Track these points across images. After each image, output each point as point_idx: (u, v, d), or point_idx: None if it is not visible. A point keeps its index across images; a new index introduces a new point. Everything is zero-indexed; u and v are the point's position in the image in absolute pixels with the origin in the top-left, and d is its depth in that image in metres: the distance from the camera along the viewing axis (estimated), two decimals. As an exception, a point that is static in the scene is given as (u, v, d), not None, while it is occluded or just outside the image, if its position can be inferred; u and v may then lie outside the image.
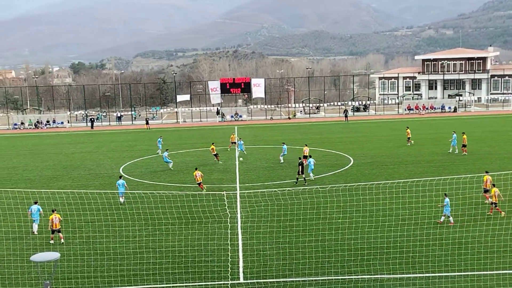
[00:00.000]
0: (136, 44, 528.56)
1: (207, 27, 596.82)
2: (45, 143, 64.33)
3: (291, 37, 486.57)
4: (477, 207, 27.08)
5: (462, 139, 45.09)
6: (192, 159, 47.87)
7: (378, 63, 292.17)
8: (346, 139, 57.86)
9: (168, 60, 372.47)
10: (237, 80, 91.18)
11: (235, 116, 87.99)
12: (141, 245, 24.03)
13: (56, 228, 25.11)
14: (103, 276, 20.68)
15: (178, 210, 27.79)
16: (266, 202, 28.48)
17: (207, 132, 69.48)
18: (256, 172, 40.38)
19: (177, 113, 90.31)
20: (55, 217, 25.19)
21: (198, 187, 34.22)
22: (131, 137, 66.82)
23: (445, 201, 25.38)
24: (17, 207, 29.66)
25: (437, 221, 25.70)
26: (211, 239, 24.41)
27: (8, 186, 36.55)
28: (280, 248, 22.89)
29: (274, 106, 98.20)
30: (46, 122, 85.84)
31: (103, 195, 31.15)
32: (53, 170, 44.48)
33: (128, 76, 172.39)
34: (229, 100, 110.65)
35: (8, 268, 21.73)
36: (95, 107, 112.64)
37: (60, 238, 25.21)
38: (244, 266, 21.16)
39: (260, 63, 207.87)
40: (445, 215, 25.46)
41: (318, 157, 46.41)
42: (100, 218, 27.76)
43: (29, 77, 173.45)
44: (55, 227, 25.09)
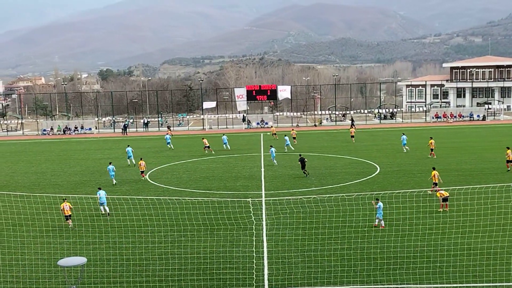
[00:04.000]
0: (163, 51, 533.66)
1: (234, 34, 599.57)
2: (73, 148, 65.22)
3: (318, 45, 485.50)
4: (506, 217, 26.55)
5: (429, 143, 48.39)
6: (217, 165, 48.00)
7: (406, 71, 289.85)
8: (372, 147, 57.38)
9: (195, 67, 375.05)
10: (263, 87, 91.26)
11: (261, 123, 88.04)
12: (166, 251, 24.13)
13: (67, 214, 27.95)
14: (128, 282, 20.81)
15: (204, 217, 27.86)
16: (291, 209, 28.36)
17: (232, 139, 69.59)
18: (281, 180, 40.28)
19: (203, 119, 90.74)
20: (65, 205, 28.14)
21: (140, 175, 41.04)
22: (158, 143, 67.30)
23: (378, 205, 26.58)
24: (45, 211, 30.09)
25: (373, 224, 26.72)
26: (236, 246, 24.38)
27: (36, 191, 37.13)
28: (305, 256, 22.75)
29: (300, 113, 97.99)
30: (74, 128, 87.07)
31: (129, 201, 31.40)
32: (80, 175, 45.05)
33: (155, 83, 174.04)
34: (255, 107, 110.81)
35: (36, 272, 22.02)
36: (123, 113, 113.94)
37: (69, 223, 28.10)
38: (269, 273, 21.07)
39: (287, 70, 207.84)
40: (377, 218, 26.53)
41: (344, 165, 46.19)
42: (126, 224, 27.99)
43: (58, 84, 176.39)
44: (67, 213, 27.99)
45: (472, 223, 24.72)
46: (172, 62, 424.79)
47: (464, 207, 26.61)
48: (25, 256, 23.96)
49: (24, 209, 30.59)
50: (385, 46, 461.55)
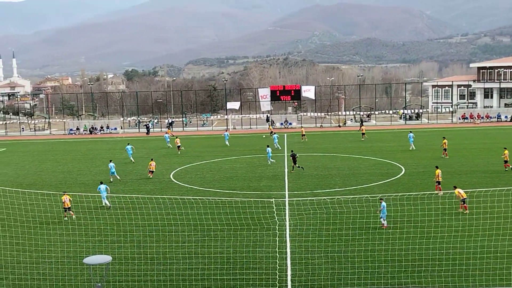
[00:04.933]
0: (188, 51, 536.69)
1: (258, 34, 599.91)
2: (99, 148, 65.98)
3: (342, 45, 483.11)
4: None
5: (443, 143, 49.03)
6: (241, 165, 48.09)
7: (432, 71, 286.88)
8: (397, 147, 56.87)
9: (219, 68, 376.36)
10: (287, 87, 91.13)
11: (285, 124, 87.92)
12: (190, 251, 24.26)
13: (67, 207, 29.57)
14: (152, 280, 20.98)
15: (227, 217, 27.94)
16: (315, 210, 28.27)
17: (256, 139, 69.68)
18: (305, 180, 40.18)
19: (227, 120, 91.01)
20: (66, 198, 29.63)
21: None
22: (182, 143, 67.68)
23: (382, 205, 26.56)
24: (71, 210, 30.52)
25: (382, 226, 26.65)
26: (259, 246, 24.40)
27: (63, 189, 37.62)
28: (328, 257, 22.66)
29: (324, 114, 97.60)
30: (100, 127, 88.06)
31: (153, 200, 31.65)
32: (106, 174, 45.49)
33: (179, 83, 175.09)
34: (279, 107, 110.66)
35: (62, 269, 22.33)
36: (148, 113, 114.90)
37: (71, 214, 29.83)
38: (292, 274, 21.03)
39: (311, 70, 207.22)
40: (382, 219, 26.65)
41: (368, 166, 45.88)
42: (151, 223, 28.24)
43: (84, 84, 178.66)
44: (66, 206, 29.58)
45: (499, 225, 24.34)
46: (196, 63, 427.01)
47: (490, 209, 26.21)
48: (52, 253, 24.33)
49: (51, 207, 31.07)
50: (410, 46, 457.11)
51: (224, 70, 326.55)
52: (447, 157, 48.26)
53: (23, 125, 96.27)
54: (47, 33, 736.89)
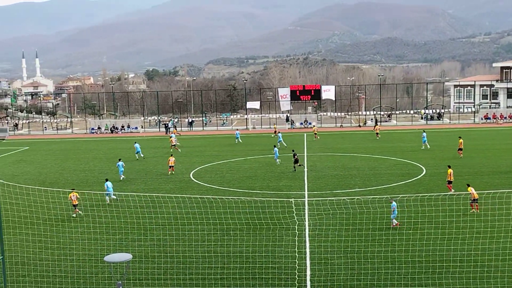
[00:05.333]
0: (208, 51, 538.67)
1: (278, 34, 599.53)
2: (120, 147, 66.51)
3: (363, 44, 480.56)
4: (559, 222, 25.64)
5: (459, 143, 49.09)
6: (260, 165, 48.10)
7: (454, 71, 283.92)
8: (418, 148, 56.38)
9: (239, 67, 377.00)
10: (307, 87, 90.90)
11: (305, 123, 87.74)
12: (209, 250, 24.36)
13: (75, 203, 30.58)
14: (172, 279, 21.11)
15: (247, 216, 27.98)
16: (334, 210, 28.17)
17: (276, 139, 69.62)
18: (324, 180, 40.06)
19: (247, 119, 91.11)
20: (73, 195, 30.62)
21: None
22: (202, 142, 68.00)
23: (392, 205, 26.66)
24: (93, 208, 30.87)
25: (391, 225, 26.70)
26: (278, 246, 24.40)
27: (84, 188, 38.05)
28: (348, 258, 22.57)
29: (344, 114, 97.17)
30: (121, 127, 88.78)
31: (173, 199, 31.83)
32: (126, 173, 45.87)
33: (199, 83, 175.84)
34: (298, 107, 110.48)
35: (83, 267, 22.59)
36: (168, 112, 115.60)
37: (76, 211, 30.78)
38: (311, 274, 21.00)
39: (331, 70, 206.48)
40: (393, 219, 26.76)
41: (389, 166, 45.56)
42: (171, 222, 28.41)
43: (106, 83, 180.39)
44: (74, 203, 30.57)
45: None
46: (216, 62, 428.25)
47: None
48: (73, 251, 24.61)
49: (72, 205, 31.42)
50: (432, 45, 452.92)
51: (244, 70, 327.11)
52: (461, 156, 48.20)
53: (46, 124, 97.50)
54: (69, 33, 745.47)
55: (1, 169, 48.60)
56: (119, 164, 43.07)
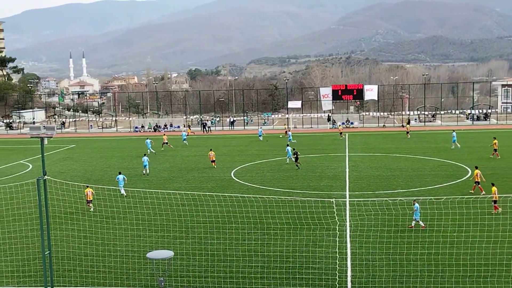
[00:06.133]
0: (250, 51, 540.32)
1: (320, 33, 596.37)
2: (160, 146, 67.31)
3: (407, 43, 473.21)
4: None
5: (493, 143, 48.74)
6: (301, 165, 47.90)
7: (501, 70, 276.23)
8: (463, 149, 55.15)
9: (280, 67, 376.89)
10: (350, 86, 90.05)
11: (347, 123, 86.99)
12: (250, 248, 24.44)
13: (89, 199, 32.01)
14: (213, 276, 21.28)
15: (287, 216, 27.94)
16: (376, 211, 27.83)
17: (317, 139, 69.33)
18: (366, 180, 39.63)
19: (288, 119, 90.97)
20: (89, 191, 32.19)
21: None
22: (243, 141, 68.24)
23: (415, 206, 26.61)
24: (136, 206, 31.39)
25: (408, 226, 26.73)
26: (319, 246, 24.28)
27: (128, 186, 38.70)
28: (390, 260, 22.26)
29: (387, 114, 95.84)
30: (164, 125, 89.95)
31: (214, 198, 32.07)
32: (169, 171, 46.52)
33: (241, 82, 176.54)
34: (340, 106, 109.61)
35: (126, 263, 23.01)
36: (210, 112, 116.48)
37: (90, 207, 32.01)
38: (352, 275, 20.83)
39: (374, 69, 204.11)
40: (414, 220, 26.62)
41: (433, 167, 44.72)
42: (212, 220, 28.64)
43: (149, 83, 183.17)
44: (89, 199, 32.06)
45: None
46: (258, 62, 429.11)
47: None
48: (117, 247, 25.10)
49: (116, 202, 32.07)
50: (479, 44, 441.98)
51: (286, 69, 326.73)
52: (498, 157, 47.49)
53: (91, 122, 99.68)
54: (114, 34, 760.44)
55: (49, 166, 49.90)
56: (144, 159, 45.10)
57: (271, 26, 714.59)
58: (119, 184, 36.28)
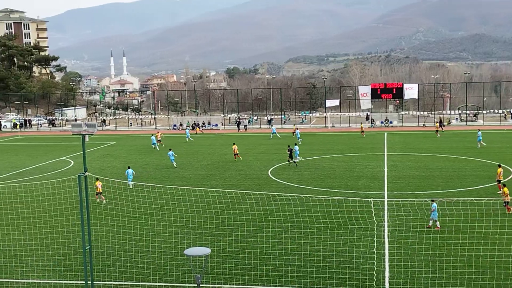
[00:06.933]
0: (288, 49, 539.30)
1: (359, 31, 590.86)
2: (200, 143, 67.91)
3: (449, 41, 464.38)
4: None
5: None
6: (339, 164, 47.63)
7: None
8: (507, 149, 53.81)
9: (319, 65, 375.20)
10: (389, 85, 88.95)
11: (385, 122, 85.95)
12: (286, 247, 24.40)
13: (99, 191, 33.38)
14: (249, 274, 21.33)
15: (324, 215, 27.78)
16: (415, 211, 27.40)
17: (355, 138, 68.72)
18: (405, 180, 39.08)
19: (326, 117, 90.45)
20: (99, 183, 33.55)
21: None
22: (280, 140, 68.15)
23: (433, 206, 26.40)
24: (174, 203, 31.71)
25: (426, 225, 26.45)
26: (356, 246, 24.07)
27: (166, 183, 39.18)
28: (429, 261, 21.89)
29: (427, 113, 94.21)
30: (202, 124, 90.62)
31: (251, 196, 32.14)
32: (206, 169, 46.85)
33: (279, 81, 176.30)
34: (379, 105, 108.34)
35: (164, 259, 23.29)
36: (247, 110, 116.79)
37: (102, 199, 33.35)
38: (390, 276, 20.57)
39: (414, 68, 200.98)
40: (432, 220, 26.37)
41: (474, 167, 43.78)
42: (248, 218, 28.69)
43: (188, 81, 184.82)
44: (98, 191, 33.41)
45: None
46: (296, 60, 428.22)
47: None
48: (155, 244, 25.42)
49: (155, 199, 32.49)
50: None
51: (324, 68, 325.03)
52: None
53: (131, 120, 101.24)
54: (154, 33, 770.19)
55: (90, 163, 50.93)
56: (169, 154, 48.02)
57: (309, 25, 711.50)
58: (128, 178, 37.87)
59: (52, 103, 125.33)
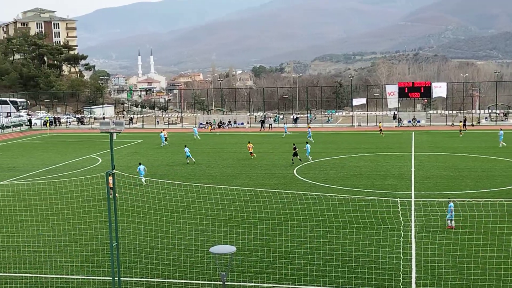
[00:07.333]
0: (314, 48, 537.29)
1: (387, 29, 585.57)
2: (227, 142, 68.13)
3: (478, 39, 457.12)
4: None
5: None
6: (365, 163, 47.29)
7: None
8: (537, 149, 52.73)
9: (345, 64, 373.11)
10: (417, 84, 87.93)
11: (413, 122, 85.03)
12: (311, 246, 24.33)
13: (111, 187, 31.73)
14: (274, 273, 21.33)
15: (350, 214, 27.63)
16: (443, 212, 27.06)
17: (382, 137, 68.14)
18: (433, 180, 38.61)
19: (352, 116, 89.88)
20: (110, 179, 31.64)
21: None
22: (306, 139, 67.91)
23: (450, 205, 26.28)
24: (200, 201, 31.89)
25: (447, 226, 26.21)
26: (382, 246, 23.87)
27: (192, 181, 39.41)
28: (456, 262, 21.59)
29: (456, 112, 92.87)
30: (228, 122, 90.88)
31: (277, 195, 32.12)
32: (232, 168, 46.98)
33: (305, 79, 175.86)
34: (406, 104, 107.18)
35: (190, 257, 23.44)
36: (273, 109, 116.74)
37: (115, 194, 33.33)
38: (416, 277, 20.35)
39: (443, 66, 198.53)
40: (448, 219, 26.35)
41: (504, 168, 43.02)
42: (274, 217, 28.71)
43: (214, 80, 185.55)
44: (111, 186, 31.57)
45: None
46: (323, 59, 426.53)
47: None
48: (181, 241, 25.59)
49: (181, 197, 32.71)
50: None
51: (350, 66, 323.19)
52: None
53: (158, 118, 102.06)
54: (181, 31, 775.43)
55: (117, 161, 51.52)
56: (186, 150, 50.19)
57: (336, 23, 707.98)
58: (140, 174, 38.61)
59: (80, 101, 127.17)
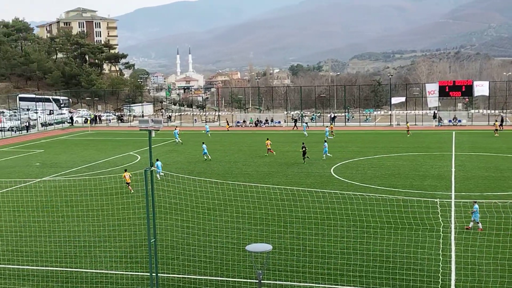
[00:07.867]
0: (353, 46, 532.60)
1: (427, 27, 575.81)
2: (263, 140, 68.04)
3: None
4: None
5: None
6: (404, 163, 46.63)
7: None
8: None
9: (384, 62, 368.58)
10: (458, 82, 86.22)
11: (454, 121, 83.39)
12: (348, 246, 24.14)
13: (128, 182, 35.90)
14: (310, 272, 21.25)
15: (388, 215, 27.29)
16: (484, 213, 26.46)
17: (421, 137, 67.07)
18: (474, 181, 37.79)
19: (391, 115, 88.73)
20: (126, 174, 36.19)
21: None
22: (344, 138, 67.43)
23: (474, 207, 25.91)
24: (236, 199, 32.00)
25: (465, 226, 25.87)
26: (421, 247, 23.49)
27: (229, 179, 39.59)
28: (498, 265, 21.10)
29: (499, 111, 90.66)
30: (265, 120, 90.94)
31: (313, 194, 31.97)
32: (269, 166, 46.99)
33: (343, 78, 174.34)
34: (447, 103, 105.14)
35: (226, 254, 23.56)
36: (311, 107, 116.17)
37: (130, 189, 35.76)
38: (456, 279, 19.97)
39: (485, 65, 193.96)
40: (473, 221, 25.79)
41: (548, 169, 41.78)
42: (310, 216, 28.60)
43: (252, 78, 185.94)
44: (128, 181, 35.95)
45: None
46: (361, 57, 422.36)
47: None
48: (217, 238, 25.74)
49: (218, 195, 32.92)
50: None
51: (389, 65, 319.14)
52: None
53: (196, 116, 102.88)
54: (219, 30, 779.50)
55: (155, 158, 52.19)
56: (204, 147, 51.29)
57: (374, 21, 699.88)
58: (157, 170, 38.87)
59: (120, 100, 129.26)
